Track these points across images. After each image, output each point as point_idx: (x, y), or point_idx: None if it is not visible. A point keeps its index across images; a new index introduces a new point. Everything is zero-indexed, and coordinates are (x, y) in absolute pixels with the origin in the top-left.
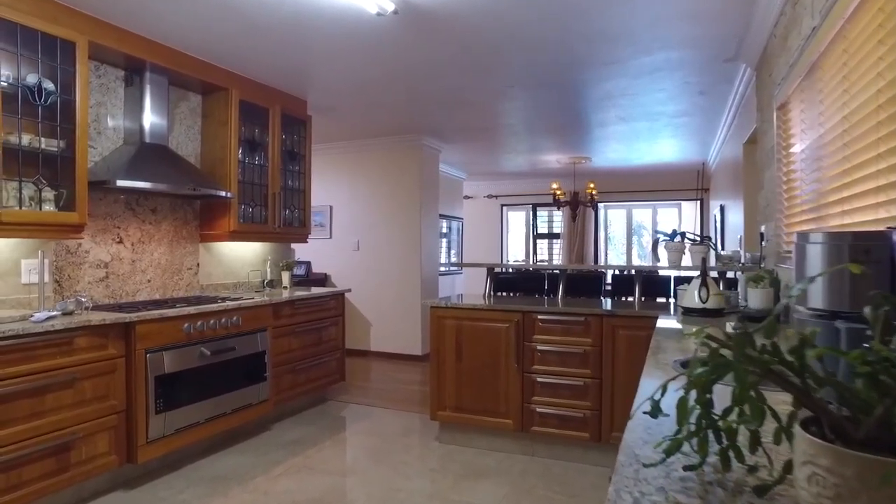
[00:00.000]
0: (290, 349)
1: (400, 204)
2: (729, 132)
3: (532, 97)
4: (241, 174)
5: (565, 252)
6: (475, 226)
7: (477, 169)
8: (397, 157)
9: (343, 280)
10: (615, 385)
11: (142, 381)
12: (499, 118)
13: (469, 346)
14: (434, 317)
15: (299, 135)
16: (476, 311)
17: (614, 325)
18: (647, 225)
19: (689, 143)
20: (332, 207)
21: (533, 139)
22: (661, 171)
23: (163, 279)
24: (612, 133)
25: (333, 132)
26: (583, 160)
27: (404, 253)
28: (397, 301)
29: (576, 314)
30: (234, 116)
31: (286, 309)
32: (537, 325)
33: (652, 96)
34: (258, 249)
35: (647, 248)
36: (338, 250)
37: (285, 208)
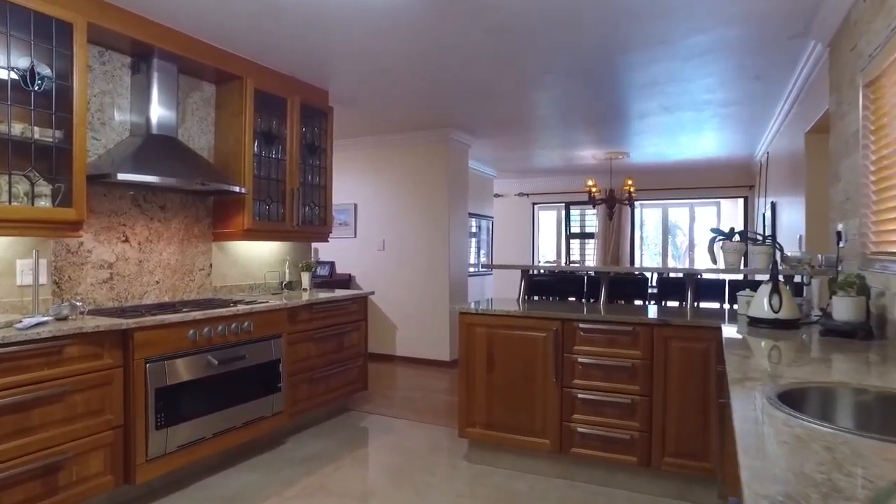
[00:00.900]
0: (308, 356)
1: (427, 202)
2: (785, 121)
3: (568, 85)
4: (256, 169)
5: (600, 253)
6: (505, 225)
7: (507, 166)
8: (424, 153)
9: (368, 281)
10: (667, 403)
11: (141, 393)
12: (531, 110)
13: (502, 357)
14: (463, 324)
15: (320, 127)
16: (510, 319)
17: (666, 336)
18: (681, 225)
19: (734, 135)
20: (356, 205)
21: (567, 133)
22: (701, 168)
23: (172, 281)
24: (654, 125)
25: (357, 127)
26: (620, 155)
27: (432, 253)
28: (424, 304)
29: (623, 323)
30: (249, 107)
31: (303, 313)
32: (578, 334)
33: (701, 82)
34: (276, 249)
35: (682, 249)
36: (362, 250)
37: (304, 205)
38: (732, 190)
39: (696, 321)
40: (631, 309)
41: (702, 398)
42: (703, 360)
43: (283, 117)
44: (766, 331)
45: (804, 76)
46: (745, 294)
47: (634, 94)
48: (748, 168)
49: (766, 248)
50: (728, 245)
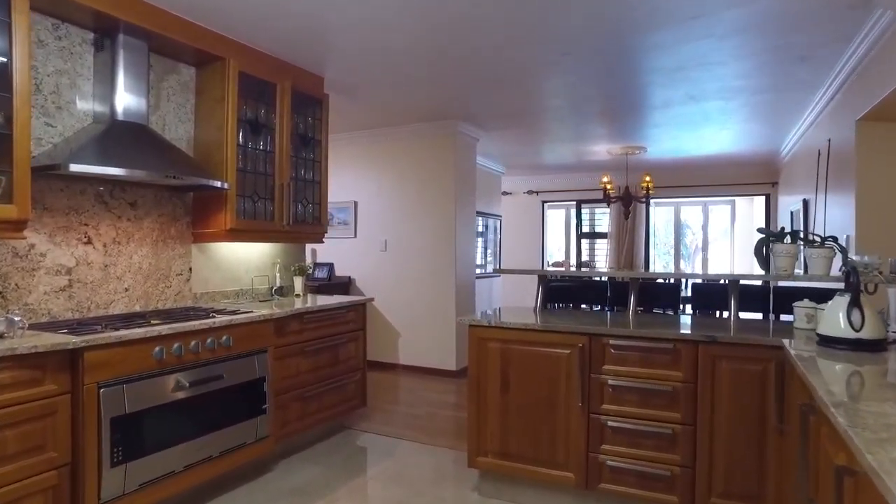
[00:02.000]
0: (298, 372)
1: (433, 200)
2: (825, 110)
3: (587, 70)
4: (241, 162)
5: (613, 254)
6: (514, 224)
7: (516, 162)
8: (430, 147)
9: (368, 284)
10: (715, 434)
11: (92, 424)
12: (545, 99)
13: (519, 377)
14: (474, 338)
15: (314, 116)
16: (528, 333)
17: (714, 356)
18: (690, 224)
19: (761, 127)
20: (356, 203)
21: (582, 125)
22: (720, 164)
23: (145, 287)
24: (677, 117)
25: (357, 119)
26: (636, 150)
27: (437, 254)
28: (429, 308)
29: (661, 339)
30: (233, 92)
31: (293, 324)
32: (608, 352)
33: (736, 66)
34: (265, 251)
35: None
36: (363, 251)
37: (296, 202)
38: (753, 187)
39: (751, 338)
40: (664, 321)
41: (757, 429)
42: (760, 385)
43: (272, 105)
44: (845, 353)
45: (859, 55)
46: (804, 305)
47: (659, 81)
48: (771, 164)
49: (825, 251)
50: (780, 248)
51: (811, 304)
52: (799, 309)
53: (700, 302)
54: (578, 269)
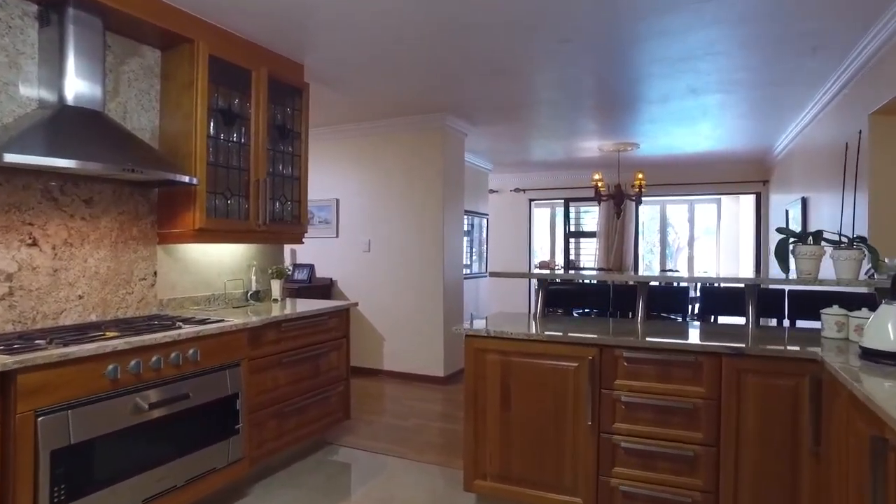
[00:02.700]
0: (276, 386)
1: (419, 197)
2: (831, 104)
3: (587, 59)
4: (212, 154)
5: (602, 253)
6: (500, 223)
7: (504, 159)
8: (416, 142)
9: (351, 286)
10: (741, 458)
11: (27, 459)
12: (539, 91)
13: (521, 392)
14: (471, 349)
15: (293, 107)
16: (532, 344)
17: (741, 369)
18: (673, 222)
19: (758, 123)
20: (338, 201)
21: (575, 120)
22: (709, 161)
23: (102, 294)
24: (675, 111)
25: (340, 111)
26: (629, 147)
27: (424, 255)
28: (415, 312)
29: (681, 351)
30: (203, 77)
31: (270, 333)
32: (621, 364)
33: (742, 57)
34: (240, 252)
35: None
36: (345, 251)
37: (274, 200)
38: (744, 185)
39: (782, 350)
40: (676, 328)
41: (789, 452)
42: (791, 403)
43: (247, 93)
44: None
45: (876, 44)
46: (834, 313)
47: (661, 72)
48: (763, 161)
49: (854, 253)
50: (804, 249)
51: (841, 311)
52: (828, 316)
53: (710, 306)
54: (566, 269)
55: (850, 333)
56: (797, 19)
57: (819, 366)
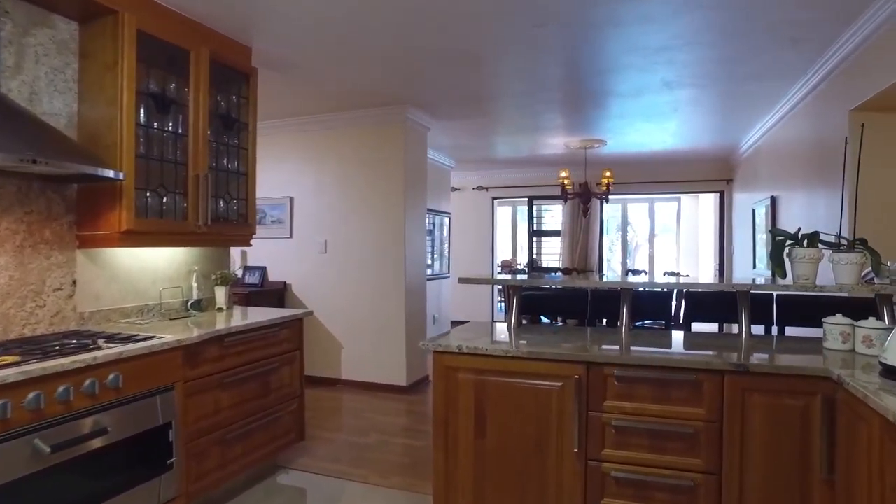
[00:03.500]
0: (218, 410)
1: (379, 195)
2: (805, 100)
3: (561, 47)
4: (143, 145)
5: (566, 252)
6: (463, 222)
7: (467, 155)
8: (376, 136)
9: (306, 290)
10: (745, 487)
11: None
12: (507, 82)
13: (497, 416)
14: (440, 368)
15: (240, 94)
16: (510, 362)
17: (745, 388)
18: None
19: (726, 121)
20: (292, 199)
21: (542, 114)
22: (671, 159)
23: (3, 309)
24: (647, 106)
25: (295, 102)
26: (596, 144)
27: (384, 256)
28: (375, 317)
29: (680, 368)
30: (129, 56)
31: (211, 349)
32: (611, 383)
33: (722, 47)
34: (179, 257)
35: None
36: (300, 253)
37: (217, 198)
38: (707, 184)
39: (791, 366)
40: (663, 339)
41: (799, 480)
42: (801, 425)
43: (185, 76)
44: None
45: (860, 38)
46: (838, 322)
47: (638, 63)
48: (726, 160)
49: (855, 257)
50: (802, 253)
51: (846, 320)
52: (832, 326)
53: (693, 312)
54: (530, 269)
55: (856, 345)
56: (783, 8)
57: (832, 384)
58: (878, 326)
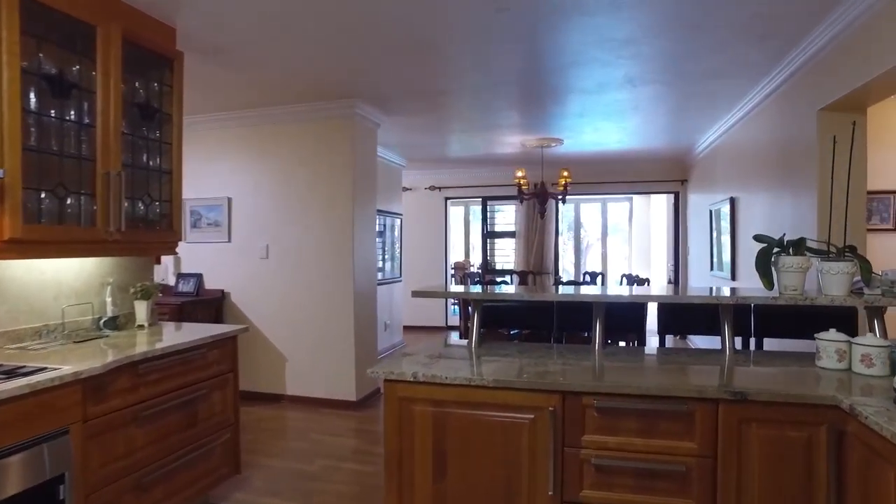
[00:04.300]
0: (132, 450)
1: (326, 195)
2: (768, 99)
3: (523, 35)
4: (34, 136)
5: (521, 254)
6: (415, 223)
7: (419, 154)
8: (322, 132)
9: (246, 298)
10: None
11: None
12: (462, 75)
13: (460, 455)
14: (393, 399)
15: (162, 81)
16: (475, 392)
17: (741, 418)
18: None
19: (686, 119)
20: (230, 200)
21: (499, 110)
22: (625, 160)
23: None
24: (608, 103)
25: (232, 95)
26: (553, 143)
27: (332, 261)
28: (322, 327)
29: (669, 398)
30: (12, 26)
31: (121, 379)
32: (590, 415)
33: (690, 40)
34: (89, 268)
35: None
36: (240, 258)
37: (134, 200)
38: (662, 184)
39: (792, 394)
40: (639, 359)
41: None
42: (804, 459)
43: (91, 56)
44: None
45: (830, 35)
46: (832, 338)
47: (604, 57)
48: (681, 160)
49: (846, 266)
50: (789, 261)
51: (842, 336)
52: (826, 343)
53: (669, 325)
54: (484, 271)
55: (854, 364)
56: (754, 1)
57: (840, 413)
58: (878, 344)
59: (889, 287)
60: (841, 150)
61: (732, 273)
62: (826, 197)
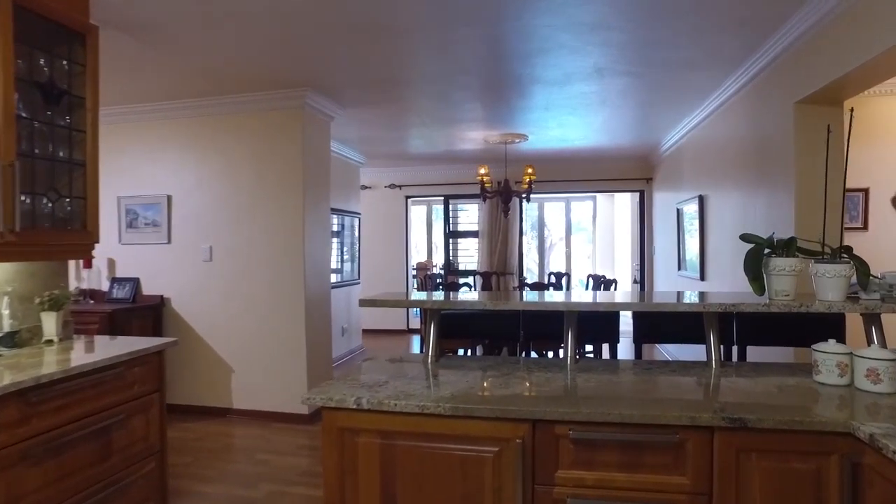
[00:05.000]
0: (21, 494)
1: (274, 193)
2: (741, 92)
3: (489, 17)
4: None
5: (484, 254)
6: (374, 223)
7: (378, 150)
8: (270, 125)
9: (188, 305)
10: None
11: None
12: (420, 63)
13: (412, 496)
14: (332, 430)
15: (72, 59)
16: (429, 421)
17: (739, 448)
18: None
19: (654, 114)
20: (170, 198)
21: (462, 103)
22: (589, 158)
23: None
24: (574, 96)
25: (170, 82)
26: (517, 139)
27: (280, 263)
28: (271, 334)
29: (657, 425)
30: None
31: (6, 412)
32: (565, 447)
33: (662, 27)
34: None
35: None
36: (180, 261)
37: (37, 196)
38: (627, 183)
39: (799, 420)
40: (616, 373)
41: None
42: (813, 494)
43: None
44: None
45: (812, 20)
46: (832, 350)
47: (572, 43)
48: (646, 158)
49: (842, 268)
50: (780, 263)
51: (843, 347)
52: (825, 355)
53: (643, 333)
54: (446, 272)
55: (858, 379)
56: None
57: (853, 442)
58: (885, 357)
59: (888, 291)
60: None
61: (701, 273)
62: (806, 194)
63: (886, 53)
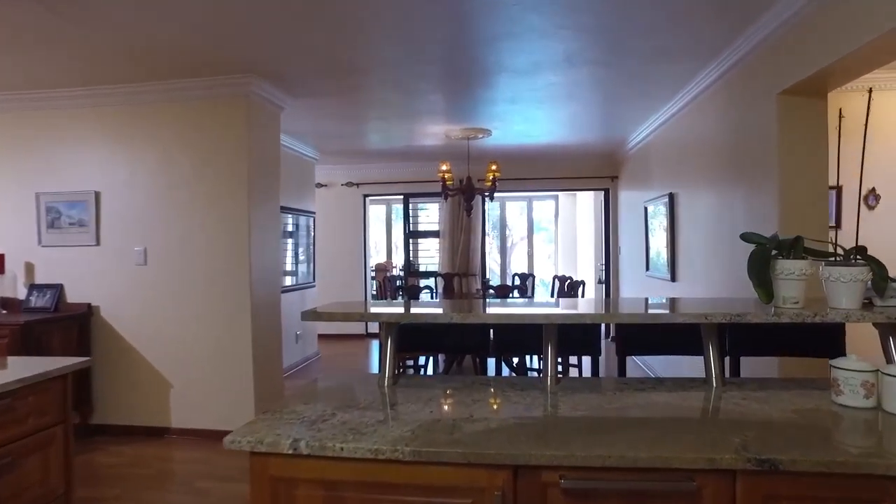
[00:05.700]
0: None
1: (216, 190)
2: (717, 83)
3: None
4: None
5: (447, 255)
6: (330, 222)
7: (334, 146)
8: (210, 115)
9: (120, 314)
10: None
11: None
12: (377, 47)
13: None
14: (263, 480)
15: None
16: (385, 468)
17: (768, 494)
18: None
19: (623, 108)
20: (98, 195)
21: (423, 94)
22: (555, 154)
23: None
24: (541, 87)
25: (94, 65)
26: (480, 134)
27: (224, 266)
28: (214, 344)
29: (667, 470)
30: None
31: None
32: (553, 497)
33: (643, 11)
34: None
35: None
36: (111, 265)
37: None
38: (592, 181)
39: (841, 461)
40: (599, 393)
41: None
42: None
43: None
44: None
45: (795, 8)
46: (855, 368)
47: (541, 26)
48: (611, 156)
49: (858, 271)
50: (788, 266)
51: (867, 364)
52: (847, 373)
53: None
54: (407, 273)
55: (886, 400)
56: None
57: None
58: None
59: None
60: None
61: (672, 274)
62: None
63: (877, 41)
